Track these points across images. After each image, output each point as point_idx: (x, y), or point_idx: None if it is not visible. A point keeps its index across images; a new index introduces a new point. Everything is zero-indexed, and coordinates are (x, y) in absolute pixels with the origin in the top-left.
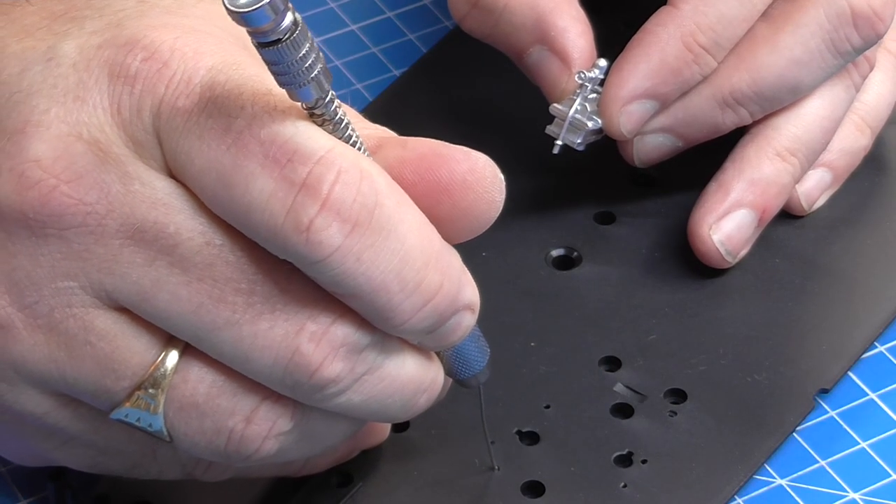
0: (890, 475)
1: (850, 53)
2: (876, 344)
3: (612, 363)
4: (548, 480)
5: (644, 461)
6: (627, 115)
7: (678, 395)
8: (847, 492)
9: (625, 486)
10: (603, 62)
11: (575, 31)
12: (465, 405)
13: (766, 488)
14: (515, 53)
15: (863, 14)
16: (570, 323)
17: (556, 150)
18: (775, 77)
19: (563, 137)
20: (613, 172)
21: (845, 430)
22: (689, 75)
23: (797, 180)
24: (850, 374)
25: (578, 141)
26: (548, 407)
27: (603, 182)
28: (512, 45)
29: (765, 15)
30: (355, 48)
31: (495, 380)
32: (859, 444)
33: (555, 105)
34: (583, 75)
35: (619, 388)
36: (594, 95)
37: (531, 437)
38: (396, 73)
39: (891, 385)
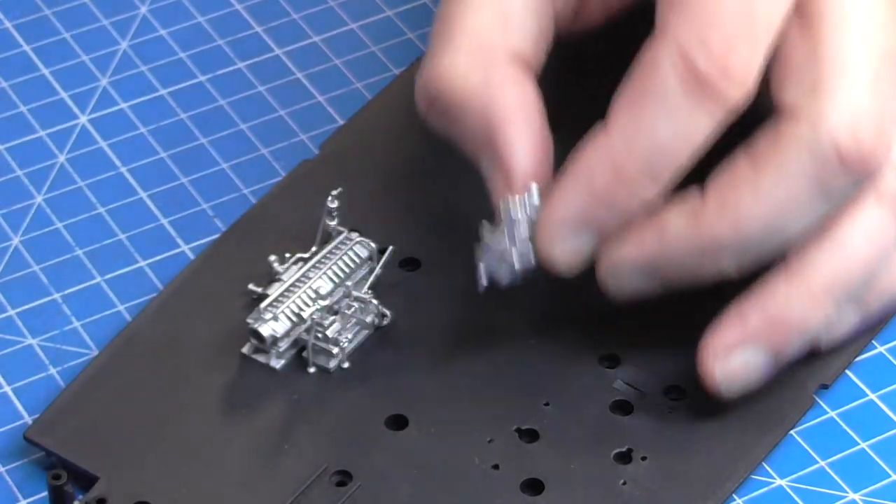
0: (890, 475)
1: (843, 193)
2: (875, 344)
3: (612, 360)
4: (547, 478)
5: (644, 458)
6: (562, 250)
7: (678, 392)
8: (847, 492)
9: (624, 483)
10: (534, 187)
11: (523, 146)
12: (464, 404)
13: (765, 489)
14: (472, 159)
15: (850, 156)
16: (569, 319)
17: (481, 287)
18: (760, 225)
19: (489, 269)
20: None
21: (845, 430)
22: (625, 205)
23: (827, 325)
24: (850, 373)
25: (506, 276)
26: (547, 404)
27: None
28: (467, 149)
29: (748, 145)
30: (355, 47)
31: (494, 377)
32: (859, 444)
33: (485, 232)
34: (510, 205)
35: (618, 384)
36: (525, 227)
37: (531, 435)
38: (396, 71)
39: (891, 385)
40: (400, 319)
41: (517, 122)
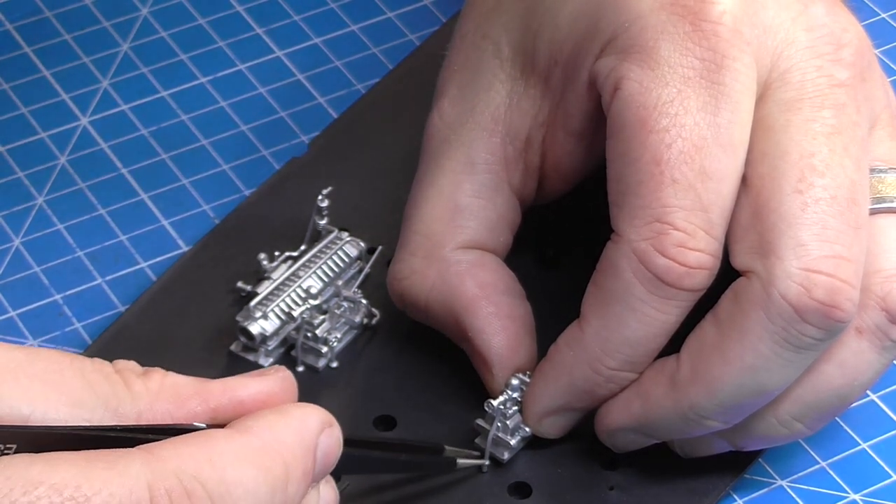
0: (890, 476)
1: (815, 345)
2: None
3: None
4: (535, 482)
5: (631, 464)
6: (550, 425)
7: None
8: (847, 493)
9: (612, 488)
10: (515, 380)
11: (492, 331)
12: (449, 405)
13: (766, 489)
14: (457, 343)
15: (807, 308)
16: (557, 323)
17: (484, 469)
18: (734, 388)
19: (490, 451)
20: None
21: (845, 430)
22: (605, 393)
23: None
24: None
25: (506, 454)
26: None
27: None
28: (449, 336)
29: (714, 315)
30: (355, 48)
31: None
32: (859, 444)
33: (477, 421)
34: (495, 403)
35: None
36: (515, 409)
37: None
38: None
39: (891, 386)
40: (389, 319)
41: (479, 311)
